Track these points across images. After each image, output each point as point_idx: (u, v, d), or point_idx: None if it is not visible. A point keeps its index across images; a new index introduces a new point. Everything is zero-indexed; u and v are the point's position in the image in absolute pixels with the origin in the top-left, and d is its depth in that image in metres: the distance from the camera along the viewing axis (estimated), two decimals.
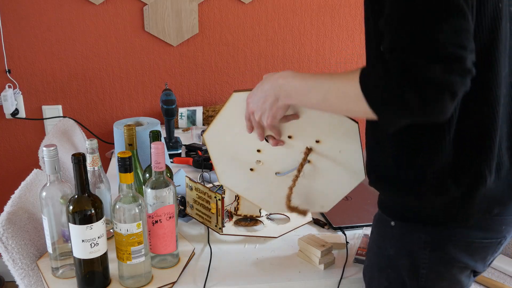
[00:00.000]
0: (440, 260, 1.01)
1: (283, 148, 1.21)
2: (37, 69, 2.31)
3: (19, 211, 1.26)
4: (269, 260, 1.31)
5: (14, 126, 2.38)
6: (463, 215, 0.98)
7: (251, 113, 1.12)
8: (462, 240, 1.00)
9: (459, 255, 1.00)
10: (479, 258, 1.03)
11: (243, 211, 1.46)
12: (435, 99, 0.82)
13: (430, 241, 1.00)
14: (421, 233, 1.01)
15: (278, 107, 1.06)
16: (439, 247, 1.00)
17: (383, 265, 1.07)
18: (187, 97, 2.44)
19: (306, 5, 2.37)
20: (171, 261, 1.25)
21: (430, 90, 0.81)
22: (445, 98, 0.82)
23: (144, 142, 1.58)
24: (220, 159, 1.28)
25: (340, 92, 0.93)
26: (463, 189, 0.96)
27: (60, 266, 1.22)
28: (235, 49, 2.39)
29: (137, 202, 1.12)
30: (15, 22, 2.23)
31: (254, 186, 1.30)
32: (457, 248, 1.00)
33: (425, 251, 1.01)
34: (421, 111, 0.83)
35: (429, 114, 0.84)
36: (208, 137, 1.26)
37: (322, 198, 1.28)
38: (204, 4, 2.30)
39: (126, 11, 2.27)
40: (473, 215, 0.98)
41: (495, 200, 0.99)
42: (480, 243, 1.01)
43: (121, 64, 2.35)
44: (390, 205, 1.06)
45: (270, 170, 1.27)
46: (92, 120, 2.42)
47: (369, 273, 1.14)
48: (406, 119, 0.88)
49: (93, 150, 1.29)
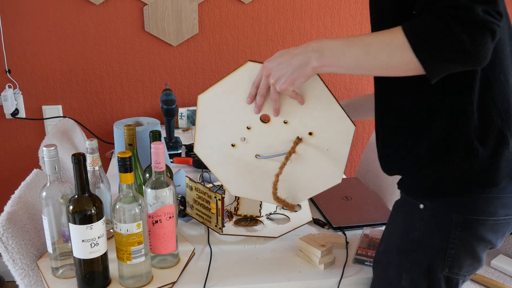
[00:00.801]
0: (470, 239, 1.04)
1: (273, 131, 1.19)
2: (37, 69, 2.31)
3: (19, 211, 1.26)
4: (269, 260, 1.31)
5: (14, 126, 2.38)
6: (492, 177, 1.01)
7: (266, 76, 1.06)
8: (490, 219, 1.03)
9: (486, 234, 1.04)
10: (501, 234, 1.07)
11: (243, 211, 1.46)
12: (481, 39, 0.87)
13: (462, 221, 1.03)
14: (453, 214, 1.03)
15: (303, 71, 1.00)
16: (469, 226, 1.03)
17: (407, 248, 1.09)
18: (187, 97, 2.44)
19: (306, 5, 2.37)
20: (171, 261, 1.25)
21: (476, 29, 0.86)
22: (488, 38, 0.87)
23: (144, 142, 1.58)
24: (205, 126, 1.24)
25: (384, 44, 0.93)
26: (490, 151, 1.00)
27: (60, 266, 1.22)
28: (235, 49, 2.39)
29: (137, 202, 1.12)
30: (15, 22, 2.23)
31: (228, 164, 1.28)
32: (486, 226, 1.03)
33: (456, 231, 1.04)
34: (471, 51, 0.87)
35: (477, 55, 0.88)
36: (202, 98, 1.21)
37: (295, 189, 1.28)
38: (204, 4, 2.30)
39: (126, 11, 2.27)
40: (501, 179, 1.02)
41: None
42: (504, 220, 1.04)
43: (121, 64, 2.35)
44: (418, 187, 1.08)
45: (251, 150, 1.24)
46: (92, 120, 2.42)
47: (385, 259, 1.15)
48: (453, 63, 0.90)
49: (93, 150, 1.29)
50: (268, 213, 1.49)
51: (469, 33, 0.86)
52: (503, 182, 1.02)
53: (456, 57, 0.89)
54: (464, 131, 1.00)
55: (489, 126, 1.00)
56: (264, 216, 1.48)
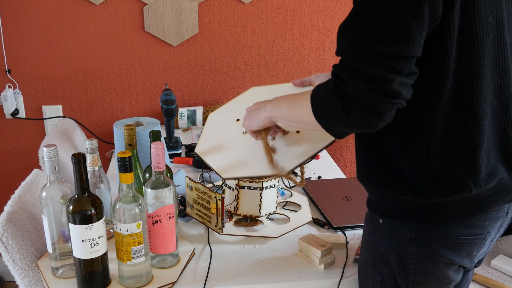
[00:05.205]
0: (426, 256, 1.02)
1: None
2: (37, 69, 2.31)
3: (19, 211, 1.26)
4: (269, 260, 1.31)
5: (14, 126, 2.38)
6: (444, 216, 0.99)
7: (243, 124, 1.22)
8: (446, 237, 1.00)
9: (444, 252, 1.01)
10: (465, 254, 1.04)
11: (243, 211, 1.46)
12: (358, 114, 0.86)
13: (415, 237, 1.01)
14: (407, 230, 1.02)
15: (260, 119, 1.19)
16: (424, 243, 1.01)
17: (376, 261, 1.09)
18: (187, 97, 2.44)
19: (306, 5, 2.37)
20: (171, 261, 1.25)
21: (353, 105, 0.85)
22: (370, 115, 0.85)
23: (144, 142, 1.58)
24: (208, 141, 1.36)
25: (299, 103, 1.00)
26: (444, 196, 0.96)
27: (60, 266, 1.22)
28: (235, 49, 2.39)
29: (137, 202, 1.12)
30: (15, 22, 2.23)
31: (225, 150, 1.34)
32: (442, 244, 1.01)
33: (411, 247, 1.02)
34: (348, 123, 0.88)
35: (355, 126, 0.89)
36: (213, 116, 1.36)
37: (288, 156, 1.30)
38: (204, 4, 2.30)
39: (126, 11, 2.27)
40: (454, 217, 0.99)
41: (480, 206, 0.99)
42: (465, 240, 1.01)
43: (121, 64, 2.34)
44: (378, 203, 1.08)
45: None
46: (92, 120, 2.42)
47: (363, 270, 1.15)
48: (345, 129, 0.92)
49: (93, 150, 1.29)
50: (268, 213, 1.49)
51: (344, 107, 0.86)
52: (456, 218, 0.99)
53: (341, 125, 0.90)
54: (419, 172, 0.97)
55: (448, 173, 0.96)
56: (264, 216, 1.48)
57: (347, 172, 2.67)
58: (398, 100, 0.85)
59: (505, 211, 1.04)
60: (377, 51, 0.82)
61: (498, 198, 1.00)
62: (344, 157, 2.63)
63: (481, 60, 0.92)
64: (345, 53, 0.87)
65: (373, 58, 0.82)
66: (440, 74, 0.91)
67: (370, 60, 0.83)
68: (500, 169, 0.99)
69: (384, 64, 0.82)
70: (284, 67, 2.44)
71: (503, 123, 0.99)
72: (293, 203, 1.58)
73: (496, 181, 0.98)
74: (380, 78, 0.82)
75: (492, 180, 0.98)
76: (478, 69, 0.92)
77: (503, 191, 1.00)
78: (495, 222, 1.03)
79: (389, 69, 0.82)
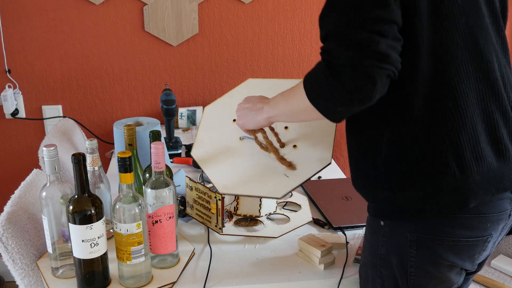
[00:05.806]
0: (427, 259, 1.02)
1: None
2: (37, 69, 2.31)
3: (19, 211, 1.26)
4: (269, 260, 1.31)
5: (14, 126, 2.38)
6: (433, 208, 0.98)
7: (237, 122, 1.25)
8: (447, 239, 1.00)
9: (446, 254, 1.01)
10: (467, 256, 1.03)
11: (243, 211, 1.46)
12: (352, 84, 0.86)
13: (416, 239, 1.01)
14: (407, 232, 1.01)
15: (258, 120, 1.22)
16: (425, 245, 1.01)
17: (376, 263, 1.08)
18: (187, 97, 2.44)
19: (306, 5, 2.37)
20: (171, 261, 1.25)
21: (345, 76, 0.86)
22: (363, 82, 0.85)
23: (144, 142, 1.58)
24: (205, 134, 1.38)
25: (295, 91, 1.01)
26: (430, 183, 0.96)
27: (60, 266, 1.22)
28: (235, 49, 2.39)
29: (137, 202, 1.12)
30: (15, 22, 2.23)
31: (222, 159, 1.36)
32: (443, 247, 1.00)
33: (412, 250, 1.02)
34: (343, 96, 0.88)
35: (350, 100, 0.88)
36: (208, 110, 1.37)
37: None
38: (204, 4, 2.30)
39: (126, 11, 2.27)
40: (444, 209, 0.98)
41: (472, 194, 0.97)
42: (466, 242, 1.01)
43: (121, 64, 2.34)
44: (377, 205, 1.07)
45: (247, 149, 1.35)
46: (92, 120, 2.42)
47: (364, 272, 1.15)
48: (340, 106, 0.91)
49: (93, 150, 1.29)
50: (268, 213, 1.49)
51: (338, 80, 0.86)
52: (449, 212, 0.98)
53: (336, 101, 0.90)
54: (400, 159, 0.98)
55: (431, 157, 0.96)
56: (264, 216, 1.48)
57: (347, 172, 2.67)
58: (388, 65, 0.86)
59: (508, 213, 1.03)
60: (359, 16, 0.86)
61: (491, 186, 0.98)
62: (344, 157, 2.63)
63: (454, 39, 0.94)
64: (330, 30, 0.90)
65: (356, 24, 0.86)
66: (413, 53, 0.93)
67: (355, 26, 0.86)
68: (488, 153, 0.98)
69: (368, 28, 0.85)
70: (284, 67, 2.44)
71: (489, 106, 0.99)
72: (293, 203, 1.58)
73: (485, 167, 0.97)
74: (367, 41, 0.85)
75: (479, 164, 0.97)
76: (451, 48, 0.94)
77: (494, 178, 0.98)
78: (497, 225, 1.02)
79: (374, 32, 0.85)
